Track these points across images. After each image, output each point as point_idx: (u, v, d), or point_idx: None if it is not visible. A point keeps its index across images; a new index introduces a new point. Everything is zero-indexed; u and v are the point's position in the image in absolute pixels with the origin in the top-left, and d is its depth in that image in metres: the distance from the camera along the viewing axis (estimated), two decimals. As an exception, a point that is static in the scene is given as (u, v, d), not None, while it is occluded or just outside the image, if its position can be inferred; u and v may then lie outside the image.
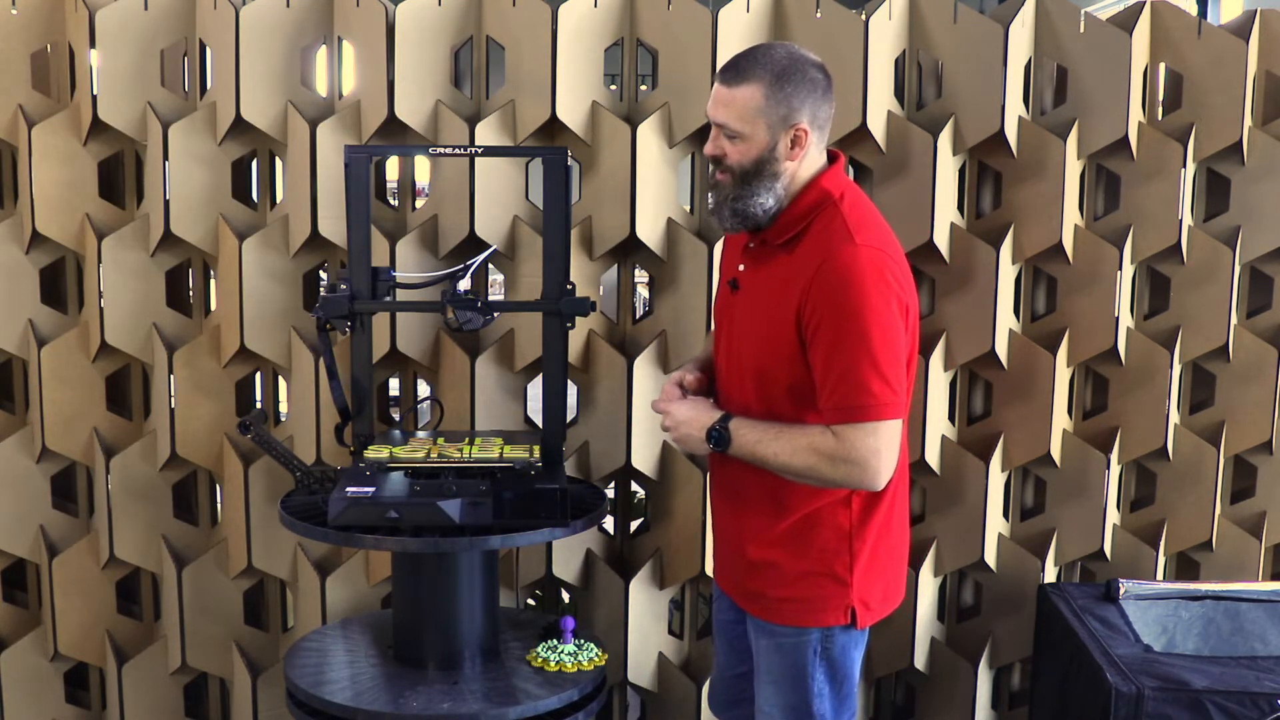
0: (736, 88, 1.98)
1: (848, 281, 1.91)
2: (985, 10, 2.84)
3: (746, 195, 2.00)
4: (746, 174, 2.00)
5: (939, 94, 2.76)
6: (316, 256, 2.77)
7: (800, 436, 1.98)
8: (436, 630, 2.33)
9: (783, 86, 1.96)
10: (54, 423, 2.76)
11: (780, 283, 2.01)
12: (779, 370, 2.02)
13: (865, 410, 1.92)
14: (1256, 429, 2.83)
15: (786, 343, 1.98)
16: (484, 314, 2.33)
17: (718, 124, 2.01)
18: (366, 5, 2.65)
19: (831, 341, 1.92)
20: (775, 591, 2.11)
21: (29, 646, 2.88)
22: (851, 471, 1.95)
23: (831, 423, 1.94)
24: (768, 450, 2.00)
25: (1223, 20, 4.55)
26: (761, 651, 2.17)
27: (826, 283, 1.92)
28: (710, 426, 2.04)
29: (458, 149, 2.48)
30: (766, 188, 2.00)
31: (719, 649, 2.37)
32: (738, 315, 2.12)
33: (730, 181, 2.02)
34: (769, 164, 1.99)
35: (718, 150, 2.03)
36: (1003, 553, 2.88)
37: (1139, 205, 2.76)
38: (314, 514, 2.24)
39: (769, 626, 2.14)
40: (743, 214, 2.02)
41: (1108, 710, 2.23)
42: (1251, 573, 2.86)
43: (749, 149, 1.99)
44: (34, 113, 2.69)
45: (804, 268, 1.96)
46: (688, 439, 2.10)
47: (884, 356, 1.92)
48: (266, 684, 2.87)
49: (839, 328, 1.91)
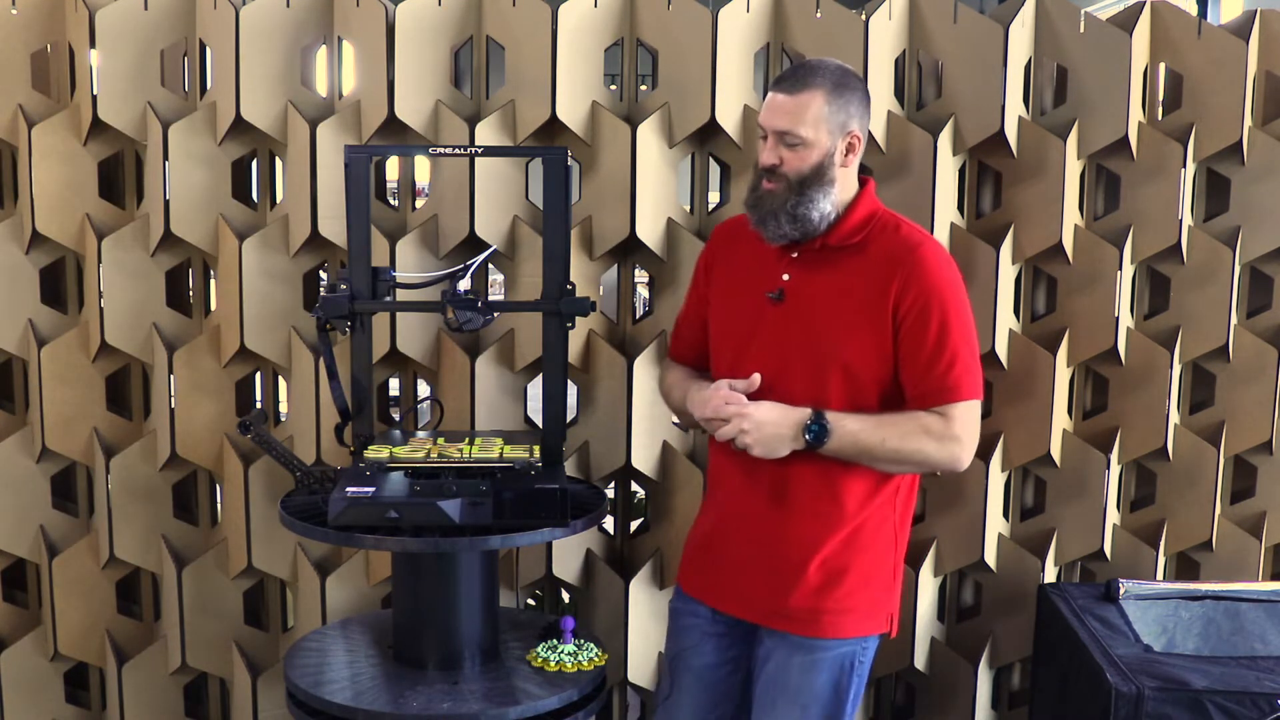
0: (799, 94, 2.02)
1: (939, 274, 2.04)
2: (985, 10, 2.84)
3: (805, 202, 2.03)
4: (805, 180, 2.03)
5: (939, 94, 2.76)
6: (316, 256, 2.77)
7: (907, 420, 2.03)
8: (436, 630, 2.33)
9: (841, 93, 2.03)
10: (54, 423, 2.76)
11: (859, 282, 2.05)
12: (869, 365, 2.05)
13: (971, 389, 2.04)
14: (1256, 429, 2.83)
15: (882, 339, 2.03)
16: (484, 314, 2.33)
17: (779, 131, 2.03)
18: (366, 5, 2.65)
19: (940, 326, 2.02)
20: (828, 604, 2.07)
21: (29, 646, 2.88)
22: (955, 450, 2.03)
23: (939, 404, 2.02)
24: (873, 438, 2.01)
25: (1223, 20, 4.55)
26: (794, 670, 2.09)
27: (920, 275, 2.02)
28: (807, 423, 2.01)
29: (458, 149, 2.48)
30: (824, 194, 2.04)
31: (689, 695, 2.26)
32: (787, 324, 2.09)
33: (783, 189, 2.04)
34: (827, 170, 2.04)
35: (775, 159, 2.04)
36: (1003, 553, 2.88)
37: (1139, 205, 2.76)
38: (314, 514, 2.23)
39: (810, 642, 2.08)
40: (803, 220, 2.04)
41: (1108, 710, 2.23)
42: (1251, 573, 2.86)
43: (809, 155, 2.03)
44: (34, 113, 2.69)
45: (887, 263, 2.04)
46: (773, 439, 2.03)
47: (971, 343, 2.08)
48: (266, 684, 2.86)
49: (942, 314, 2.02)
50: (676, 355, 2.37)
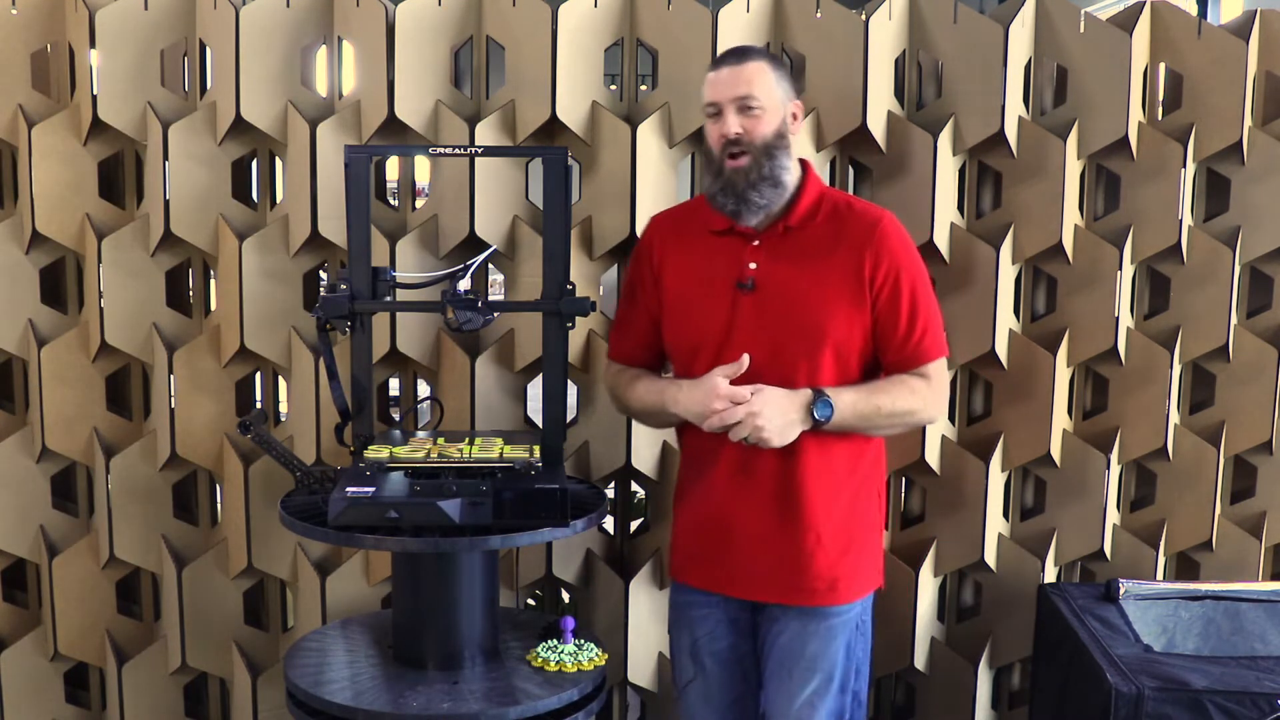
0: (746, 63, 2.10)
1: (905, 239, 2.18)
2: (985, 10, 2.84)
3: (776, 166, 2.09)
4: (770, 146, 2.09)
5: (939, 94, 2.76)
6: (316, 256, 2.77)
7: (895, 385, 2.15)
8: (436, 630, 2.33)
9: (778, 66, 2.16)
10: (54, 423, 2.76)
11: (834, 260, 2.13)
12: (854, 340, 2.14)
13: (940, 349, 2.19)
14: (1256, 429, 2.83)
15: (861, 311, 2.13)
16: (484, 314, 2.33)
17: (738, 98, 2.08)
18: (366, 5, 2.65)
19: (911, 294, 2.14)
20: (840, 571, 2.16)
21: (29, 646, 2.88)
22: (938, 404, 2.20)
23: (918, 365, 2.15)
24: (869, 406, 2.11)
25: (1223, 20, 4.55)
26: (810, 639, 2.16)
27: (892, 241, 2.14)
28: (811, 403, 2.06)
29: (458, 149, 2.48)
30: (788, 157, 2.12)
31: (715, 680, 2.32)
32: (769, 308, 2.13)
33: (751, 161, 2.08)
34: (784, 136, 2.13)
35: (737, 128, 2.08)
36: (1003, 553, 2.88)
37: (1139, 205, 2.76)
38: (314, 514, 2.23)
39: (825, 610, 2.16)
40: (779, 182, 2.10)
41: (1108, 710, 2.23)
42: (1251, 573, 2.86)
43: (770, 119, 2.09)
44: (34, 113, 2.69)
45: (855, 238, 2.13)
46: (785, 427, 2.06)
47: (935, 304, 2.22)
48: (266, 684, 2.86)
49: (914, 281, 2.16)
50: (624, 357, 2.36)
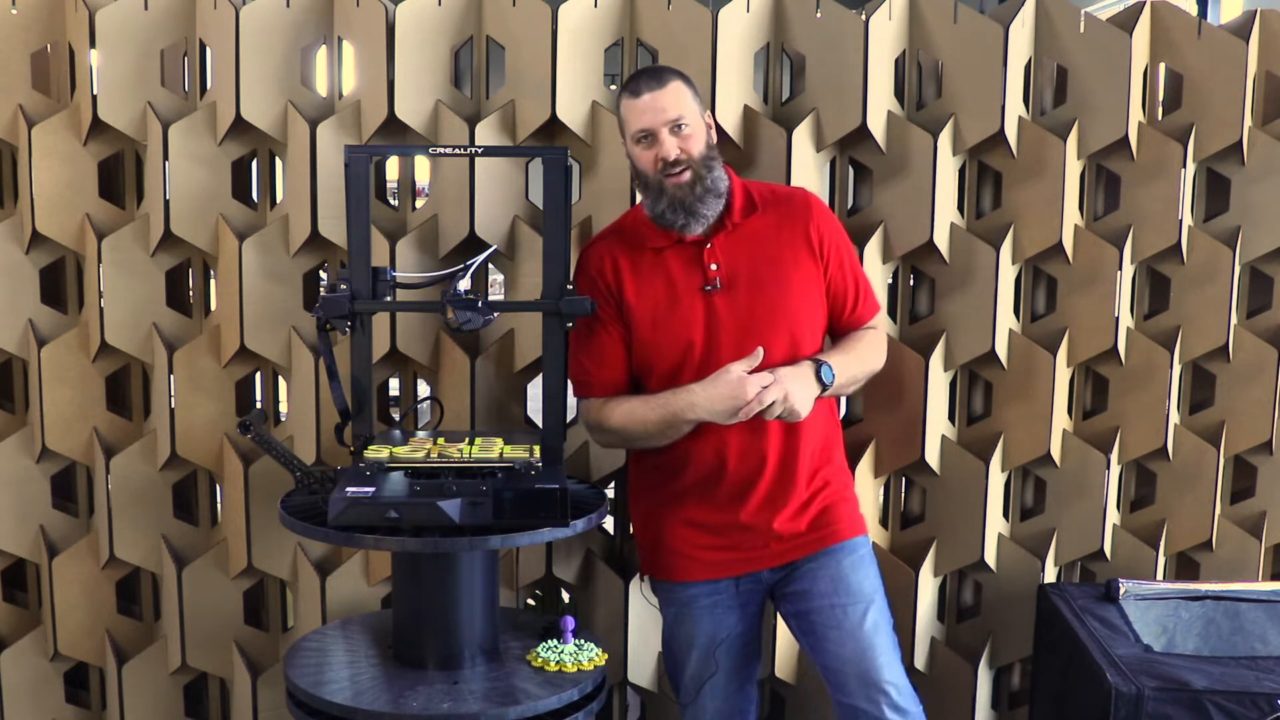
0: (667, 86, 2.22)
1: (827, 209, 2.38)
2: (985, 10, 2.84)
3: (713, 175, 2.25)
4: (706, 159, 2.23)
5: (939, 94, 2.76)
6: (316, 256, 2.77)
7: (864, 342, 2.37)
8: (436, 630, 2.33)
9: (689, 82, 2.28)
10: (54, 423, 2.76)
11: (782, 241, 2.29)
12: (819, 310, 2.32)
13: (878, 301, 2.46)
14: (1256, 429, 2.83)
15: (819, 282, 2.31)
16: (484, 314, 2.33)
17: (670, 121, 2.19)
18: (366, 5, 2.65)
19: (850, 257, 2.37)
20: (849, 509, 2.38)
21: (29, 646, 2.88)
22: (884, 354, 2.44)
23: (870, 318, 2.40)
24: (855, 364, 2.32)
25: (1223, 20, 4.55)
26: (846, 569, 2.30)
27: (824, 213, 2.34)
28: (816, 370, 2.23)
29: (458, 149, 2.48)
30: (719, 166, 2.27)
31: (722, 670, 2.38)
32: (741, 303, 2.26)
33: (691, 175, 2.20)
34: (711, 146, 2.26)
35: (675, 150, 2.20)
36: (1003, 553, 2.88)
37: (1139, 205, 2.76)
38: (314, 514, 2.23)
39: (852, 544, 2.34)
40: (719, 189, 2.24)
41: (1108, 710, 2.23)
42: (1251, 573, 2.86)
43: (699, 134, 2.24)
44: (34, 113, 2.69)
45: (791, 214, 2.30)
46: (808, 398, 2.21)
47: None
48: (266, 684, 2.86)
49: (847, 244, 2.38)
50: (607, 387, 2.37)
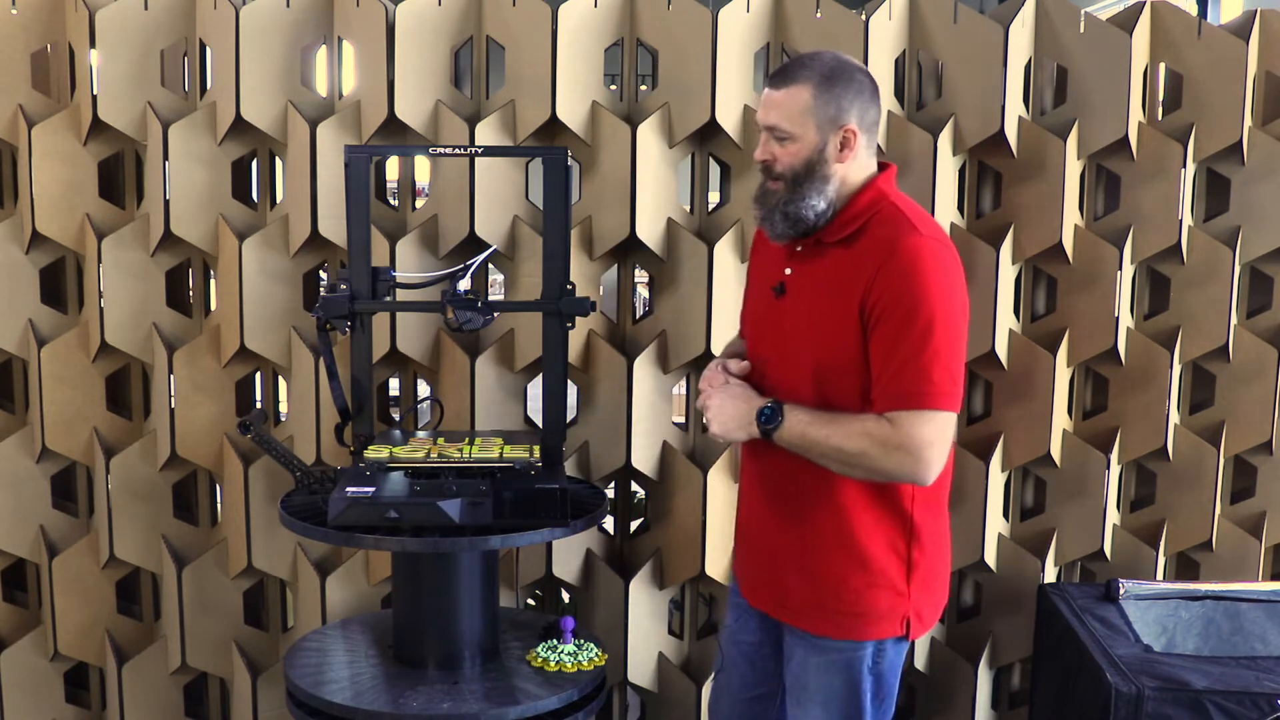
0: (785, 89, 1.98)
1: (915, 269, 1.90)
2: (985, 10, 2.84)
3: (798, 199, 1.98)
4: (798, 177, 1.98)
5: (939, 94, 2.76)
6: (316, 256, 2.77)
7: (854, 421, 1.93)
8: (436, 630, 2.33)
9: (830, 87, 1.96)
10: (54, 423, 2.76)
11: (840, 277, 1.98)
12: (843, 366, 1.98)
13: (923, 397, 1.89)
14: (1256, 429, 2.83)
15: (851, 337, 1.96)
16: (484, 314, 2.33)
17: (768, 126, 2.00)
18: (366, 5, 2.65)
19: (896, 327, 1.90)
20: (834, 604, 2.05)
21: (29, 646, 2.88)
22: (904, 461, 1.90)
23: (888, 409, 1.90)
24: (820, 433, 1.94)
25: (1223, 20, 4.55)
26: (810, 670, 2.09)
27: (893, 270, 1.91)
28: (761, 407, 1.98)
29: (458, 149, 2.48)
30: (818, 190, 1.98)
31: (736, 671, 2.28)
32: (788, 319, 2.07)
33: (782, 188, 2.00)
34: (819, 166, 1.97)
35: (767, 155, 2.01)
36: (1003, 553, 2.88)
37: (1139, 205, 2.76)
38: (314, 514, 2.24)
39: (822, 642, 2.07)
40: (795, 218, 1.99)
41: (1108, 710, 2.23)
42: (1251, 573, 2.86)
43: (799, 150, 1.97)
44: (34, 113, 2.69)
45: (867, 259, 1.94)
46: (731, 420, 2.01)
47: (946, 346, 1.91)
48: (266, 684, 2.87)
49: (905, 313, 1.90)
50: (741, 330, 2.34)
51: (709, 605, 3.03)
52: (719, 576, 2.81)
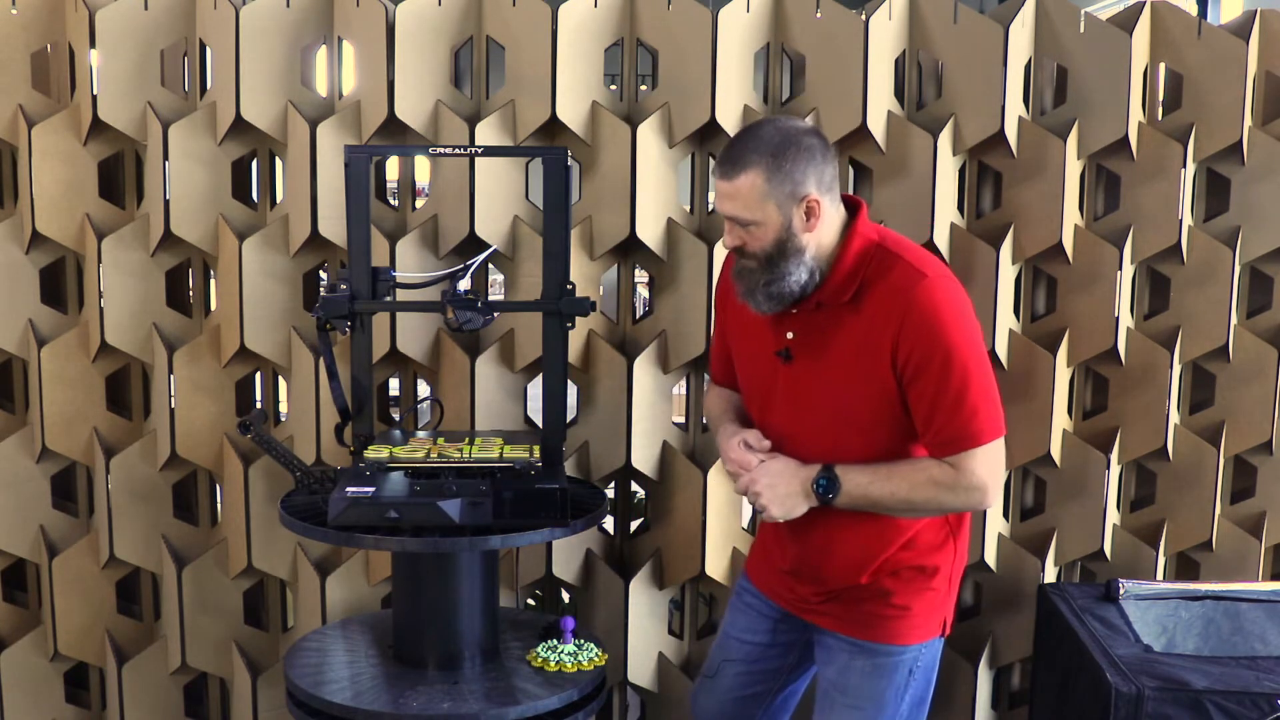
0: (737, 178, 1.95)
1: (937, 317, 1.94)
2: (985, 10, 2.84)
3: (778, 278, 1.98)
4: (771, 257, 1.97)
5: (939, 94, 2.76)
6: (316, 256, 2.77)
7: (916, 471, 1.99)
8: (436, 630, 2.33)
9: (781, 165, 1.93)
10: (54, 423, 2.76)
11: (859, 339, 1.99)
12: (877, 419, 2.01)
13: (978, 437, 1.97)
14: (1256, 429, 2.83)
15: (882, 392, 1.99)
16: (484, 314, 2.33)
17: (729, 217, 1.98)
18: (366, 5, 2.65)
19: (937, 379, 1.94)
20: (882, 609, 2.08)
21: (29, 646, 2.88)
22: (973, 496, 1.99)
23: (946, 455, 1.97)
24: (883, 490, 1.99)
25: (1223, 20, 4.55)
26: (853, 673, 2.10)
27: (916, 324, 1.94)
28: (815, 478, 2.00)
29: (458, 149, 2.48)
30: (795, 263, 1.98)
31: (733, 669, 2.30)
32: (799, 383, 2.06)
33: (756, 266, 1.99)
34: (790, 241, 1.96)
35: (738, 240, 2.00)
36: (1003, 553, 2.88)
37: (1139, 205, 2.76)
38: (314, 514, 2.23)
39: (871, 646, 2.09)
40: (779, 296, 1.99)
41: (1108, 710, 2.23)
42: (1251, 573, 2.86)
43: (766, 233, 1.96)
44: (34, 113, 2.69)
45: (885, 317, 1.96)
46: (786, 499, 2.02)
47: (982, 380, 1.98)
48: (266, 684, 2.86)
49: (940, 364, 1.94)
50: (716, 378, 2.35)
51: (709, 605, 3.03)
52: (719, 576, 2.81)
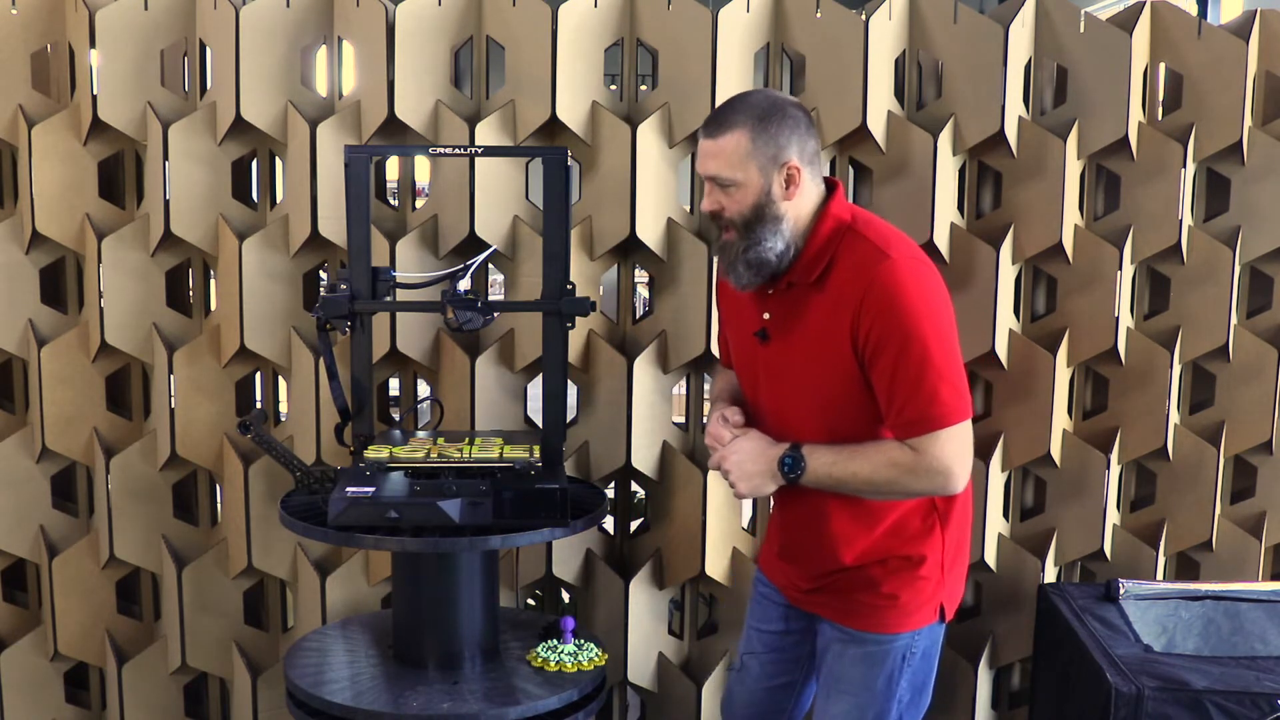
0: (721, 137, 1.97)
1: (896, 297, 1.92)
2: (985, 10, 2.84)
3: (755, 244, 1.99)
4: (749, 222, 1.98)
5: (939, 94, 2.76)
6: (316, 256, 2.77)
7: (878, 453, 1.98)
8: (436, 630, 2.33)
9: (766, 127, 1.96)
10: (54, 423, 2.76)
11: (823, 319, 1.99)
12: (844, 399, 2.01)
13: (938, 419, 1.93)
14: (1256, 429, 2.83)
15: (847, 372, 1.98)
16: (484, 314, 2.33)
17: (709, 177, 2.00)
18: (366, 5, 2.65)
19: (894, 359, 1.92)
20: (870, 598, 2.08)
21: (29, 646, 2.88)
22: (935, 480, 1.97)
23: (907, 437, 1.95)
24: (845, 470, 1.98)
25: (1223, 20, 4.55)
26: (846, 662, 2.11)
27: (876, 303, 1.92)
28: (781, 456, 2.01)
29: (458, 149, 2.48)
30: (772, 231, 1.98)
31: (758, 660, 2.30)
32: (775, 363, 2.08)
33: (735, 236, 2.00)
34: (768, 207, 1.98)
35: (715, 205, 2.01)
36: (1003, 553, 2.88)
37: (1139, 205, 2.76)
38: (314, 514, 2.24)
39: (860, 635, 2.10)
40: (757, 263, 2.00)
41: (1108, 710, 2.23)
42: (1251, 573, 2.86)
43: (745, 195, 1.98)
44: (34, 113, 2.69)
45: (845, 295, 1.96)
46: (753, 476, 2.04)
47: (945, 362, 1.94)
48: (266, 684, 2.87)
49: (899, 344, 1.92)
50: (722, 360, 2.37)
51: (709, 605, 3.03)
52: (719, 576, 2.81)
